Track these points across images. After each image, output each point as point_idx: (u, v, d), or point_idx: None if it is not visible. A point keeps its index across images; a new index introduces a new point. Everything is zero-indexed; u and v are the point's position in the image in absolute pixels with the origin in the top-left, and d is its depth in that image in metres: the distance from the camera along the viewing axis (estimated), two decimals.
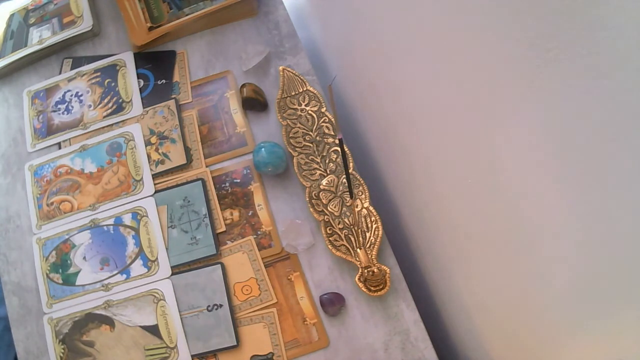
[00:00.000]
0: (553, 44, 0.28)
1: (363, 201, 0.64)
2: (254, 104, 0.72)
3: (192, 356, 0.62)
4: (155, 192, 0.69)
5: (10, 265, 0.69)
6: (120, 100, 0.75)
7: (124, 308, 0.64)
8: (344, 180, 0.65)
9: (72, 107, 0.76)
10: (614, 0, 0.24)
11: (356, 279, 0.62)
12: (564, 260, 0.35)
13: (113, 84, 0.76)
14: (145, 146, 0.72)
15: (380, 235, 0.62)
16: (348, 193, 0.64)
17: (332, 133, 0.68)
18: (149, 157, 0.71)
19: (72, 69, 0.78)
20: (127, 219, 0.68)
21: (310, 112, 0.70)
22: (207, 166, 0.70)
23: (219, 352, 0.62)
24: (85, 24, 0.78)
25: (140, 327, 0.63)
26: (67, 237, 0.69)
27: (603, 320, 0.34)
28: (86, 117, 0.75)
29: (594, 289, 0.33)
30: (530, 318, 0.44)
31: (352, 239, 0.63)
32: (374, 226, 0.63)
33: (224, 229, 0.67)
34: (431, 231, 0.61)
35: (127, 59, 0.77)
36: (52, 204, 0.71)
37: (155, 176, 0.70)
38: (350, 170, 0.65)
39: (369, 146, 0.74)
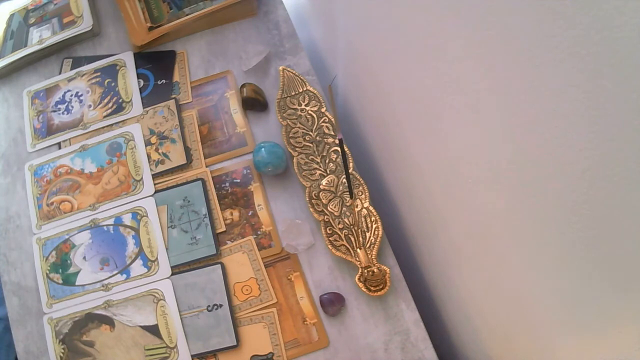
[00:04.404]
0: (553, 44, 0.28)
1: (363, 201, 0.64)
2: (254, 104, 0.72)
3: (192, 356, 0.62)
4: (155, 192, 0.69)
5: (10, 265, 0.69)
6: (120, 100, 0.75)
7: (124, 308, 0.64)
8: (344, 180, 0.65)
9: (72, 107, 0.76)
10: (613, 0, 0.24)
11: (356, 279, 0.62)
12: (563, 259, 0.35)
13: (113, 84, 0.76)
14: (145, 146, 0.72)
15: (380, 235, 0.62)
16: (348, 193, 0.64)
17: (332, 133, 0.68)
18: (149, 157, 0.71)
19: (72, 69, 0.78)
20: (127, 219, 0.68)
21: (310, 112, 0.70)
22: (207, 166, 0.70)
23: (219, 352, 0.62)
24: (85, 24, 0.78)
25: (140, 327, 0.63)
26: (67, 237, 0.69)
27: (602, 320, 0.34)
28: (86, 117, 0.75)
29: (593, 289, 0.33)
30: (530, 318, 0.44)
31: (352, 239, 0.63)
32: (374, 226, 0.63)
33: (224, 229, 0.67)
34: (431, 231, 0.61)
35: (127, 59, 0.77)
36: (52, 204, 0.71)
37: (155, 176, 0.70)
38: (350, 170, 0.65)
39: (369, 146, 0.74)
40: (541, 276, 0.39)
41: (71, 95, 0.77)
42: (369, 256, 0.62)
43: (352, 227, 0.63)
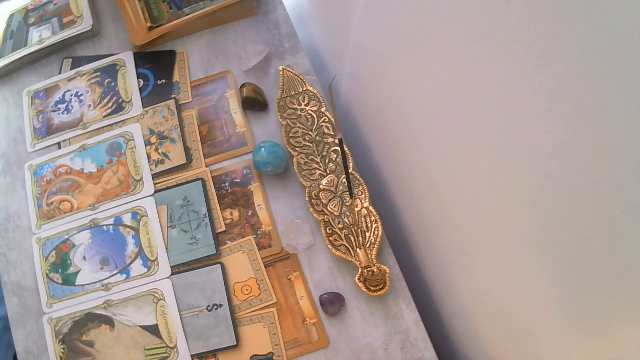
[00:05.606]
0: (553, 44, 0.28)
1: (363, 201, 0.64)
2: (254, 104, 0.72)
3: (192, 356, 0.62)
4: (155, 192, 0.69)
5: (10, 265, 0.69)
6: (120, 100, 0.75)
7: (124, 308, 0.64)
8: (344, 180, 0.65)
9: (72, 107, 0.76)
10: (613, 0, 0.24)
11: (356, 279, 0.62)
12: (564, 259, 0.35)
13: (113, 84, 0.76)
14: (145, 146, 0.72)
15: (380, 235, 0.62)
16: (348, 193, 0.64)
17: (332, 133, 0.68)
18: (149, 157, 0.71)
19: (72, 69, 0.78)
20: (127, 219, 0.68)
21: (310, 112, 0.70)
22: (207, 166, 0.70)
23: (219, 352, 0.62)
24: (85, 24, 0.78)
25: (140, 327, 0.63)
26: (67, 237, 0.69)
27: (603, 320, 0.34)
28: (86, 117, 0.75)
29: (593, 289, 0.33)
30: (530, 318, 0.44)
31: (352, 239, 0.63)
32: (374, 226, 0.63)
33: (224, 229, 0.67)
34: (431, 231, 0.61)
35: (127, 59, 0.77)
36: (52, 204, 0.71)
37: (155, 176, 0.70)
38: (350, 170, 0.65)
39: (369, 146, 0.74)
40: (542, 277, 0.39)
41: (71, 95, 0.77)
42: (369, 256, 0.62)
43: (352, 227, 0.63)
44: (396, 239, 0.71)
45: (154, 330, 0.63)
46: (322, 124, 0.69)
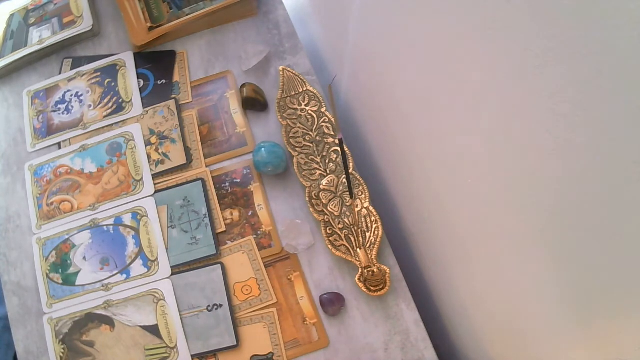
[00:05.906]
0: (553, 44, 0.28)
1: (363, 201, 0.64)
2: (254, 104, 0.72)
3: (192, 356, 0.62)
4: (155, 192, 0.69)
5: (10, 265, 0.69)
6: (120, 100, 0.75)
7: (124, 308, 0.64)
8: (344, 180, 0.65)
9: (72, 107, 0.76)
10: (614, 0, 0.24)
11: (356, 279, 0.62)
12: (564, 259, 0.35)
13: (113, 84, 0.76)
14: (145, 146, 0.72)
15: (380, 235, 0.62)
16: (348, 193, 0.64)
17: (332, 133, 0.68)
18: (149, 157, 0.71)
19: (72, 69, 0.78)
20: (127, 219, 0.68)
21: (310, 112, 0.70)
22: (207, 166, 0.70)
23: (219, 352, 0.62)
24: (85, 24, 0.78)
25: (140, 327, 0.63)
26: (67, 237, 0.69)
27: (603, 320, 0.34)
28: (86, 117, 0.75)
29: (594, 289, 0.33)
30: (530, 318, 0.44)
31: (352, 239, 0.63)
32: (374, 226, 0.63)
33: (224, 229, 0.67)
34: (431, 231, 0.61)
35: (127, 59, 0.77)
36: (52, 204, 0.71)
37: (155, 176, 0.70)
38: (350, 170, 0.65)
39: (369, 146, 0.74)
40: (541, 276, 0.39)
41: (71, 95, 0.77)
42: (369, 256, 0.62)
43: (352, 227, 0.63)
44: (396, 239, 0.71)
45: (154, 330, 0.63)
46: (322, 124, 0.69)
